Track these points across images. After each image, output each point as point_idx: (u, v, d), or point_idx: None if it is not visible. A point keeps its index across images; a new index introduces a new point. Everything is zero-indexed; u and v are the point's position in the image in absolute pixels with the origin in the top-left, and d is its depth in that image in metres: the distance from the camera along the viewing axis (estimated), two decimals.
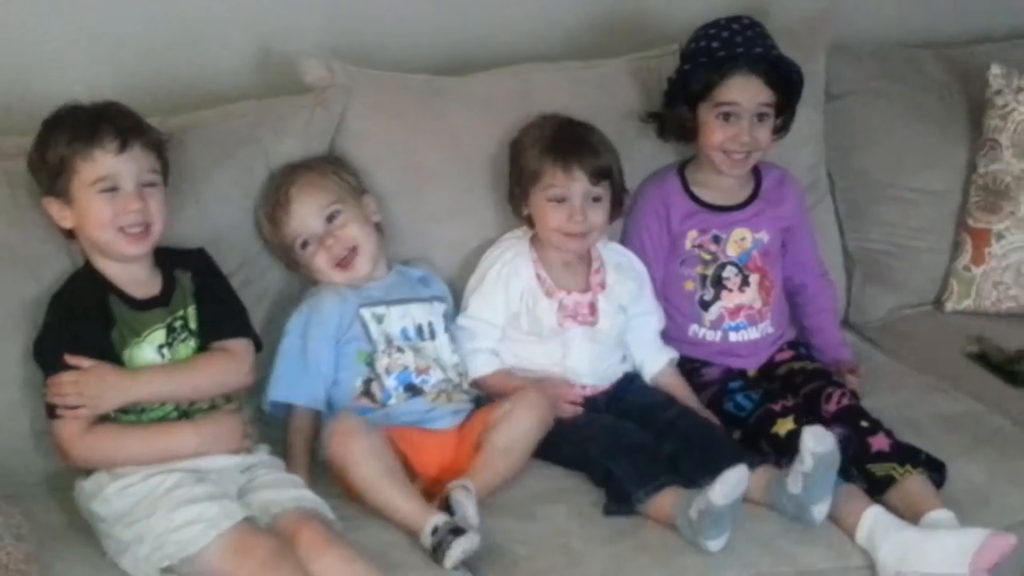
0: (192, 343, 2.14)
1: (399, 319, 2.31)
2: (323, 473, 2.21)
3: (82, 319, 2.08)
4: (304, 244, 2.27)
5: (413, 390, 2.29)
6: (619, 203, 2.39)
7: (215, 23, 2.51)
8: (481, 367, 2.36)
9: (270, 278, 2.36)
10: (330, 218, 2.27)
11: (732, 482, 2.00)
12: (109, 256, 2.10)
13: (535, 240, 2.39)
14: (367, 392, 2.28)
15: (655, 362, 2.43)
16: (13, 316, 2.11)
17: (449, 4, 2.71)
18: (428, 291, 2.38)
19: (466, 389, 2.36)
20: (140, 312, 2.11)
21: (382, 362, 2.27)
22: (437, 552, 2.00)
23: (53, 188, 2.08)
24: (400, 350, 2.29)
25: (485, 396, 2.39)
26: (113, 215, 2.05)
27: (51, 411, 2.04)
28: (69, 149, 2.05)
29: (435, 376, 2.31)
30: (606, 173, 2.36)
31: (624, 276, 2.42)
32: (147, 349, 2.10)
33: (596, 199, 2.34)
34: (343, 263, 2.27)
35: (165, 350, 2.11)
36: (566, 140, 2.36)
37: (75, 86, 2.23)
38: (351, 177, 2.36)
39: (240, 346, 2.17)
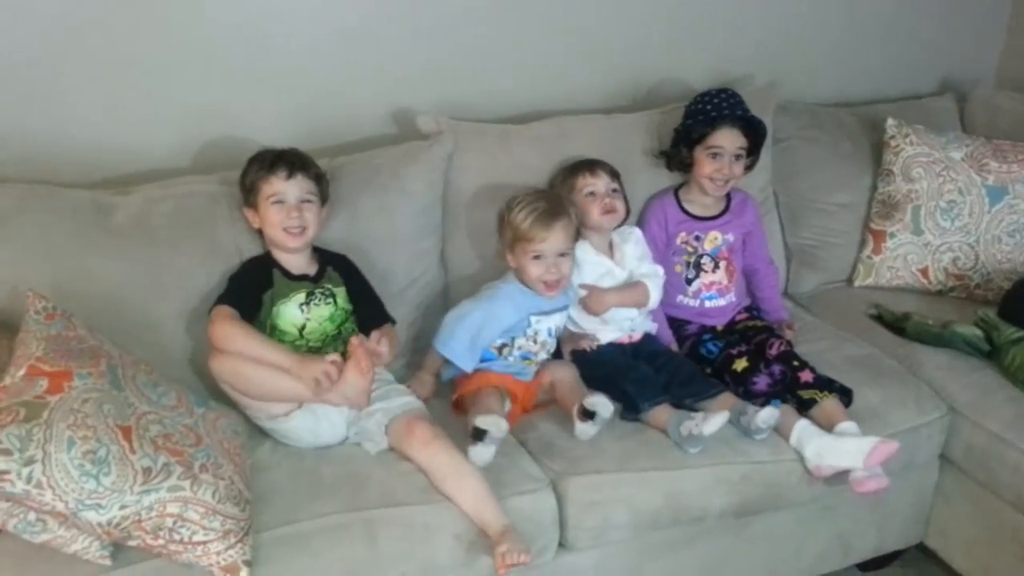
0: (329, 306, 2.11)
1: (547, 324, 2.24)
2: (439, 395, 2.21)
3: (249, 278, 2.09)
4: (536, 256, 2.16)
5: (526, 360, 2.23)
6: (625, 199, 2.35)
7: (360, 94, 2.51)
8: None
9: (394, 264, 2.31)
10: (561, 254, 2.16)
11: (719, 422, 2.04)
12: (280, 248, 2.11)
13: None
14: (500, 349, 2.21)
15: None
16: (227, 276, 2.11)
17: (514, 76, 2.66)
18: (564, 301, 2.27)
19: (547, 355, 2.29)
20: (292, 281, 2.10)
21: (519, 342, 2.22)
22: None
23: (248, 201, 2.12)
24: (534, 341, 2.23)
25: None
26: (280, 219, 2.07)
27: None
28: (257, 176, 2.09)
29: (541, 356, 2.26)
30: (616, 173, 2.32)
31: (627, 241, 2.37)
32: (291, 305, 2.08)
33: (615, 190, 2.30)
34: (550, 286, 2.17)
35: (304, 308, 2.09)
36: (581, 160, 2.33)
37: (269, 138, 2.26)
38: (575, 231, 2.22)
39: (391, 328, 2.17)
